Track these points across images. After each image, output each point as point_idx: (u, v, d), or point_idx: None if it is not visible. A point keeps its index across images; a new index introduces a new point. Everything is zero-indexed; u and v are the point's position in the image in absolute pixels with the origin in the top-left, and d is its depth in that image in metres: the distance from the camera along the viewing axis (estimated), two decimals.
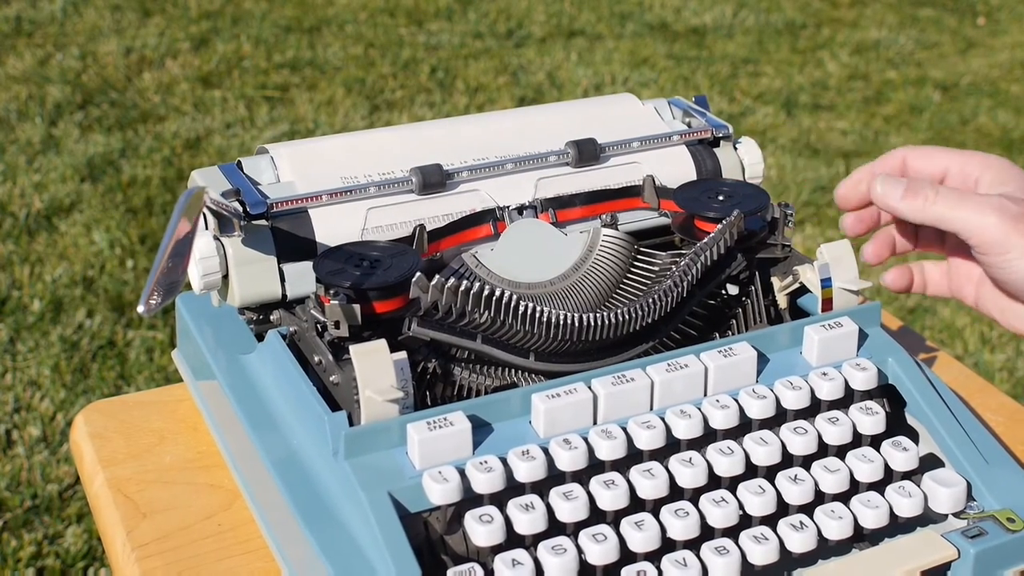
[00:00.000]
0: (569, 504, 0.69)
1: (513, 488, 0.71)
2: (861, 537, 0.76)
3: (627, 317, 0.80)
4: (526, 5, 4.25)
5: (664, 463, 0.73)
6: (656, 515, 0.71)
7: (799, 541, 0.72)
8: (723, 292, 0.89)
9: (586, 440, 0.73)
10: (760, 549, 0.70)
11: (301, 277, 0.82)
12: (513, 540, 0.69)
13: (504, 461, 0.71)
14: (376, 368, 0.71)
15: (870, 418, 0.78)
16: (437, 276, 0.76)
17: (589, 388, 0.75)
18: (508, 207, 0.89)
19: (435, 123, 0.95)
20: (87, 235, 2.64)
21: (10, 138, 3.08)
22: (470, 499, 0.70)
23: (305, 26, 3.95)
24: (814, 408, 0.79)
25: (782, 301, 0.88)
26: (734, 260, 0.87)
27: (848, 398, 0.80)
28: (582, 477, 0.72)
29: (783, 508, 0.74)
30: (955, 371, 0.99)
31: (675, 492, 0.73)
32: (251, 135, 3.15)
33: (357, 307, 0.75)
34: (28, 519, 1.86)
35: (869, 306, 0.85)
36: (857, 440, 0.78)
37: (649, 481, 0.72)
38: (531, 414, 0.74)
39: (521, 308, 0.77)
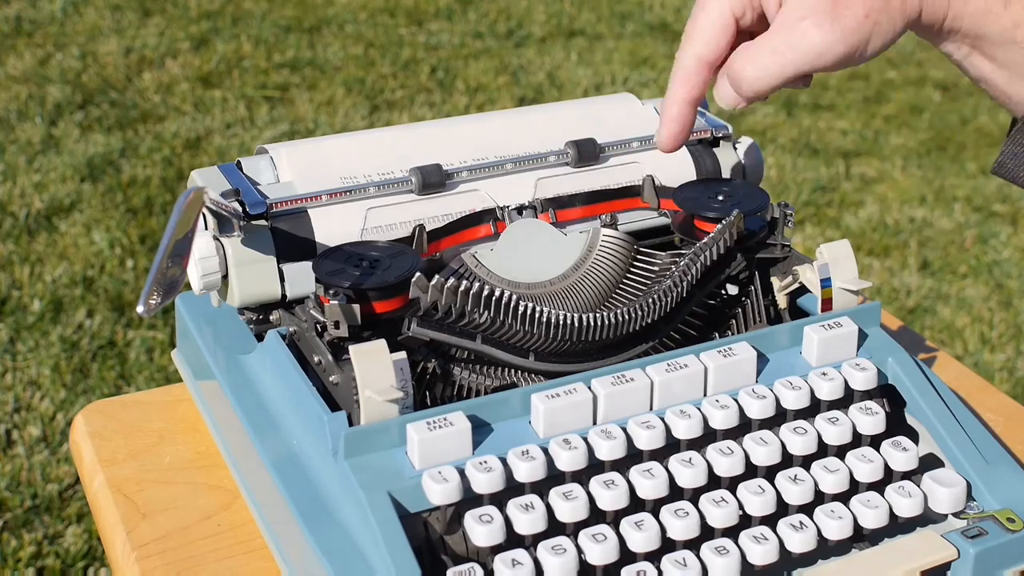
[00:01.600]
0: (569, 504, 0.69)
1: (513, 488, 0.71)
2: (861, 537, 0.76)
3: (627, 317, 0.80)
4: (526, 5, 4.25)
5: (664, 463, 0.73)
6: (656, 515, 0.71)
7: (799, 541, 0.72)
8: (723, 292, 0.89)
9: (586, 440, 0.73)
10: (760, 549, 0.70)
11: (301, 277, 0.82)
12: (513, 540, 0.69)
13: (504, 461, 0.71)
14: (376, 368, 0.71)
15: (870, 418, 0.78)
16: (437, 276, 0.76)
17: (589, 388, 0.75)
18: (508, 207, 0.89)
19: (435, 123, 0.95)
20: (87, 235, 2.64)
21: (10, 138, 3.08)
22: (470, 499, 0.70)
23: (305, 26, 3.95)
24: (814, 408, 0.79)
25: (782, 301, 0.88)
26: (734, 260, 0.87)
27: (848, 398, 0.80)
28: (582, 477, 0.72)
29: (783, 508, 0.74)
30: (955, 371, 0.99)
31: (675, 492, 0.73)
32: (251, 135, 3.15)
33: (357, 307, 0.75)
34: (28, 519, 1.86)
35: (869, 306, 0.85)
36: (857, 440, 0.78)
37: (649, 481, 0.72)
38: (531, 414, 0.74)
39: (521, 308, 0.77)
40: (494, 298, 0.76)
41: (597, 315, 0.79)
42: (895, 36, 0.73)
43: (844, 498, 0.75)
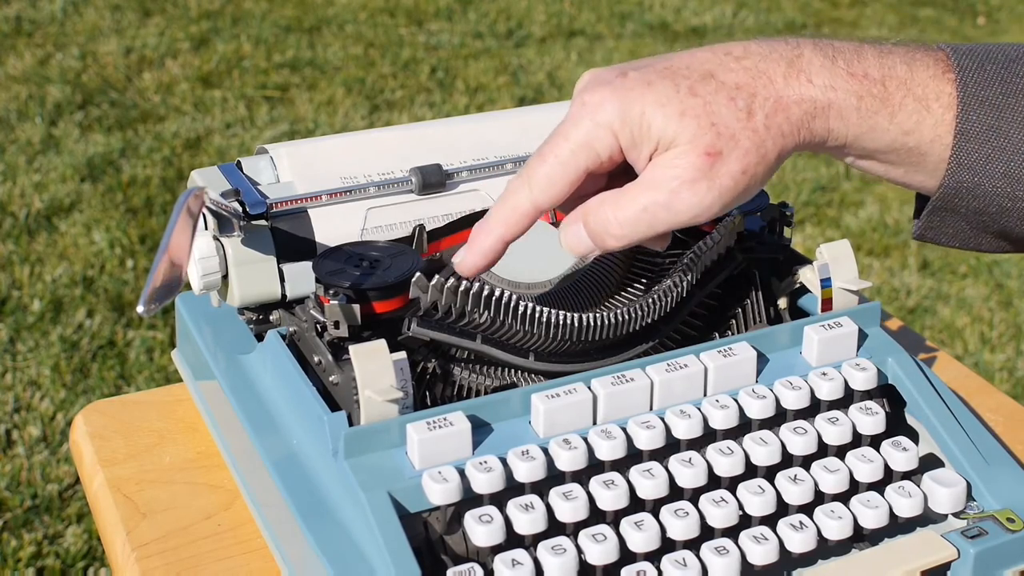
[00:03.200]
0: (569, 504, 0.69)
1: (513, 488, 0.71)
2: (861, 537, 0.76)
3: (627, 317, 0.80)
4: (526, 5, 4.25)
5: (664, 463, 0.73)
6: (656, 515, 0.71)
7: (799, 541, 0.72)
8: (723, 292, 0.89)
9: (586, 440, 0.73)
10: (760, 549, 0.70)
11: (301, 277, 0.82)
12: (513, 540, 0.69)
13: (504, 461, 0.71)
14: (376, 368, 0.71)
15: (870, 418, 0.78)
16: (437, 276, 0.76)
17: (589, 388, 0.75)
18: None
19: (435, 123, 0.95)
20: (87, 235, 2.64)
21: (10, 138, 3.08)
22: (470, 499, 0.70)
23: (305, 26, 3.95)
24: (814, 408, 0.79)
25: (782, 301, 0.88)
26: (734, 260, 0.87)
27: (848, 398, 0.80)
28: (582, 477, 0.72)
29: (783, 508, 0.74)
30: (955, 371, 0.99)
31: (675, 492, 0.73)
32: (251, 135, 3.15)
33: (357, 307, 0.75)
34: (28, 519, 1.86)
35: (869, 306, 0.85)
36: (857, 440, 0.78)
37: (649, 481, 0.72)
38: (531, 414, 0.74)
39: (521, 308, 0.76)
40: (494, 298, 0.76)
41: (597, 315, 0.79)
42: (772, 173, 0.71)
43: (844, 498, 0.75)
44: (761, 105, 0.68)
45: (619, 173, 0.73)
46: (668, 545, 0.71)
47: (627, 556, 0.70)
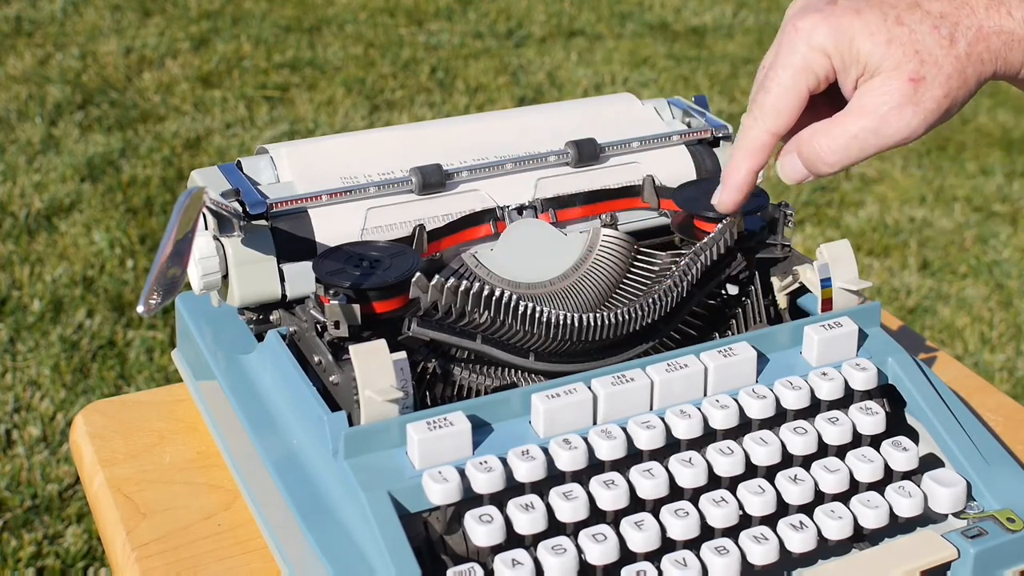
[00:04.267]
0: (569, 504, 0.69)
1: (513, 488, 0.71)
2: (861, 537, 0.76)
3: (627, 317, 0.80)
4: (526, 5, 4.25)
5: (664, 463, 0.73)
6: (656, 515, 0.71)
7: (799, 541, 0.72)
8: (723, 292, 0.89)
9: (586, 440, 0.73)
10: (760, 549, 0.70)
11: (301, 277, 0.82)
12: (513, 540, 0.69)
13: (504, 461, 0.71)
14: (376, 368, 0.71)
15: (870, 418, 0.78)
16: (437, 276, 0.76)
17: (589, 388, 0.75)
18: (508, 207, 0.89)
19: (435, 123, 0.95)
20: (87, 235, 2.64)
21: (10, 138, 3.08)
22: (470, 499, 0.70)
23: (305, 26, 3.95)
24: (814, 408, 0.79)
25: (782, 301, 0.88)
26: (734, 260, 0.87)
27: (848, 398, 0.80)
28: (582, 477, 0.72)
29: (783, 508, 0.74)
30: (955, 371, 0.99)
31: (675, 492, 0.73)
32: (251, 135, 3.15)
33: (357, 307, 0.75)
34: (28, 519, 1.86)
35: (869, 306, 0.85)
36: (857, 440, 0.78)
37: (649, 481, 0.72)
38: (531, 414, 0.74)
39: (521, 308, 0.77)
40: (494, 298, 0.76)
41: (597, 315, 0.79)
42: (971, 97, 0.74)
43: (844, 498, 0.75)
44: (964, 33, 0.72)
45: (822, 101, 0.77)
46: (668, 545, 0.71)
47: (627, 556, 0.70)
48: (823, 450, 0.77)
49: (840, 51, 0.72)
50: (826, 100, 0.77)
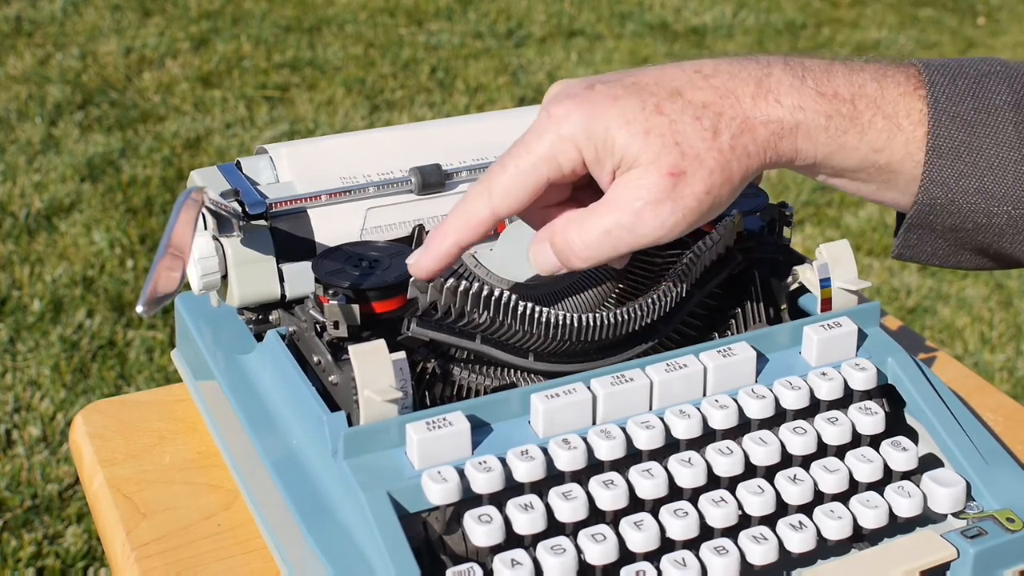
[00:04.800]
0: (568, 504, 0.69)
1: (512, 488, 0.71)
2: (860, 537, 0.76)
3: (626, 317, 0.80)
4: (526, 5, 4.25)
5: (663, 463, 0.73)
6: (655, 515, 0.71)
7: (798, 541, 0.72)
8: (723, 292, 0.89)
9: (585, 440, 0.73)
10: (759, 549, 0.70)
11: (300, 277, 0.82)
12: (512, 540, 0.69)
13: (503, 461, 0.71)
14: (375, 368, 0.71)
15: (869, 418, 0.78)
16: None
17: (588, 388, 0.75)
18: None
19: (435, 123, 0.95)
20: (87, 235, 2.64)
21: (10, 138, 3.08)
22: (469, 499, 0.70)
23: (305, 26, 3.95)
24: (813, 408, 0.79)
25: (782, 301, 0.88)
26: (734, 260, 0.87)
27: (847, 398, 0.80)
28: (581, 477, 0.72)
29: (782, 508, 0.74)
30: (955, 371, 0.99)
31: (674, 492, 0.73)
32: (251, 135, 3.15)
33: (356, 307, 0.75)
34: (28, 519, 1.86)
35: (868, 306, 0.85)
36: (856, 440, 0.78)
37: (648, 481, 0.72)
38: (530, 414, 0.74)
39: (520, 308, 0.77)
40: (493, 298, 0.76)
41: (597, 315, 0.79)
42: (737, 193, 0.70)
43: (844, 498, 0.75)
44: (727, 125, 0.68)
45: (584, 183, 0.73)
46: (668, 545, 0.71)
47: (627, 556, 0.70)
48: (822, 450, 0.77)
49: (593, 142, 0.68)
50: (589, 193, 0.73)
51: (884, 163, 0.71)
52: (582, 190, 0.74)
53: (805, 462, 0.76)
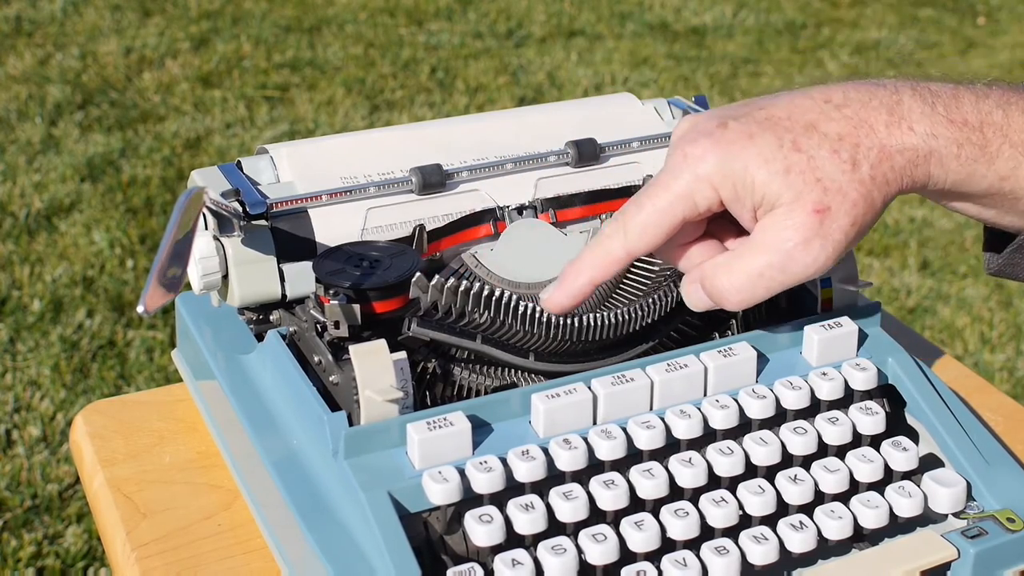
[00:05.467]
0: (569, 504, 0.69)
1: (513, 488, 0.71)
2: (861, 537, 0.76)
3: (627, 317, 0.80)
4: (526, 5, 4.25)
5: (664, 463, 0.73)
6: (656, 515, 0.71)
7: (799, 541, 0.72)
8: None
9: (586, 440, 0.73)
10: (760, 549, 0.70)
11: (301, 277, 0.82)
12: (513, 540, 0.69)
13: (504, 461, 0.71)
14: (376, 368, 0.71)
15: (870, 418, 0.78)
16: (437, 276, 0.76)
17: (589, 388, 0.75)
18: (508, 207, 0.89)
19: (435, 123, 0.95)
20: (87, 235, 2.64)
21: (10, 138, 3.08)
22: (470, 499, 0.70)
23: (305, 26, 3.95)
24: (814, 408, 0.79)
25: (782, 301, 0.88)
26: None
27: (848, 398, 0.80)
28: (582, 477, 0.72)
29: (783, 508, 0.74)
30: (955, 371, 0.99)
31: (675, 492, 0.73)
32: (251, 135, 3.15)
33: (357, 307, 0.75)
34: (28, 519, 1.86)
35: (869, 306, 0.85)
36: (857, 440, 0.78)
37: (649, 481, 0.72)
38: (531, 414, 0.74)
39: (521, 308, 0.77)
40: (494, 298, 0.76)
41: (597, 315, 0.79)
42: (878, 218, 0.71)
43: (844, 498, 0.75)
44: (865, 155, 0.68)
45: (718, 216, 0.73)
46: (668, 545, 0.71)
47: (627, 556, 0.70)
48: (823, 450, 0.77)
49: (732, 181, 0.68)
50: (725, 224, 0.73)
51: (1009, 190, 0.71)
52: (715, 222, 0.74)
53: (806, 462, 0.76)
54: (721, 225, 0.74)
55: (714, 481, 0.74)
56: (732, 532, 0.72)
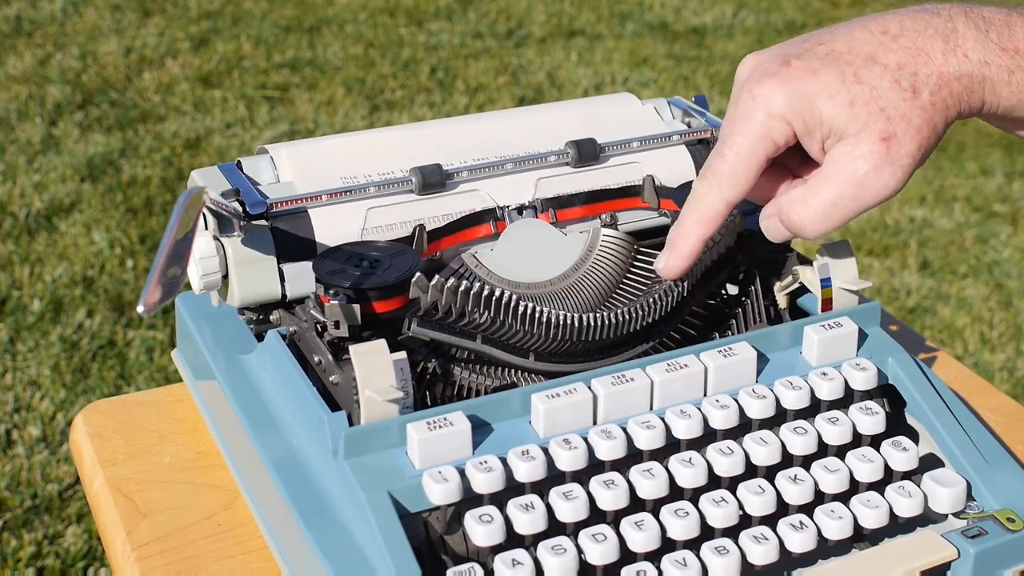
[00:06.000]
0: (569, 504, 0.69)
1: (513, 488, 0.71)
2: (861, 537, 0.76)
3: (627, 317, 0.80)
4: (526, 5, 4.25)
5: (664, 463, 0.73)
6: (656, 515, 0.71)
7: (799, 541, 0.72)
8: (723, 292, 0.89)
9: (586, 440, 0.73)
10: (760, 549, 0.70)
11: (301, 277, 0.82)
12: (513, 540, 0.69)
13: (504, 461, 0.71)
14: (376, 368, 0.71)
15: (870, 418, 0.78)
16: (437, 276, 0.76)
17: (589, 388, 0.75)
18: (508, 207, 0.89)
19: (435, 123, 0.95)
20: (87, 235, 2.64)
21: (10, 138, 3.08)
22: (470, 499, 0.70)
23: (305, 26, 3.95)
24: (814, 408, 0.79)
25: (782, 301, 0.88)
26: (734, 260, 0.87)
27: (848, 398, 0.80)
28: (582, 477, 0.72)
29: (783, 508, 0.74)
30: (955, 371, 0.99)
31: (675, 492, 0.73)
32: (251, 135, 3.15)
33: (357, 307, 0.75)
34: (28, 519, 1.86)
35: (869, 306, 0.85)
36: (857, 440, 0.78)
37: (649, 481, 0.72)
38: (531, 414, 0.74)
39: (521, 308, 0.77)
40: (494, 298, 0.76)
41: (597, 315, 0.79)
42: (940, 141, 0.74)
43: (844, 498, 0.75)
44: (924, 83, 0.71)
45: (788, 156, 0.76)
46: (668, 545, 0.71)
47: (627, 556, 0.70)
48: (823, 450, 0.77)
49: (801, 116, 0.71)
50: (796, 156, 0.76)
51: None
52: (786, 154, 0.77)
53: (806, 462, 0.76)
54: (791, 156, 0.77)
55: (714, 481, 0.74)
56: (732, 532, 0.72)
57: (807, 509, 0.74)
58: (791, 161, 0.77)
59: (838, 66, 0.71)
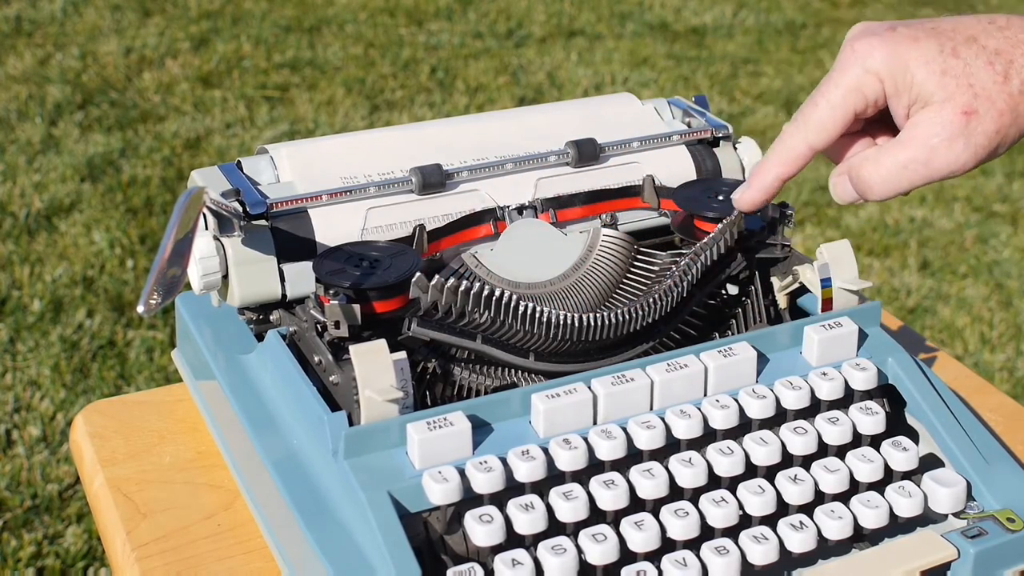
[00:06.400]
0: (569, 504, 0.69)
1: (513, 488, 0.71)
2: (861, 537, 0.76)
3: (627, 317, 0.80)
4: (526, 5, 4.25)
5: (664, 463, 0.73)
6: (656, 515, 0.71)
7: (799, 541, 0.72)
8: (723, 292, 0.89)
9: (586, 440, 0.73)
10: (760, 549, 0.70)
11: (301, 277, 0.82)
12: (513, 540, 0.69)
13: (504, 461, 0.71)
14: (376, 368, 0.71)
15: (870, 418, 0.78)
16: (437, 276, 0.76)
17: (589, 388, 0.75)
18: (508, 207, 0.89)
19: (435, 123, 0.95)
20: (87, 235, 2.64)
21: (10, 138, 3.08)
22: (470, 499, 0.70)
23: (305, 26, 3.95)
24: (814, 408, 0.79)
25: (782, 301, 0.88)
26: (734, 260, 0.87)
27: (848, 398, 0.80)
28: (582, 477, 0.72)
29: (783, 508, 0.74)
30: (955, 371, 0.99)
31: (675, 492, 0.73)
32: (251, 135, 3.15)
33: (357, 307, 0.75)
34: (28, 519, 1.86)
35: (869, 306, 0.85)
36: (857, 440, 0.78)
37: (649, 481, 0.72)
38: (531, 414, 0.74)
39: (521, 308, 0.77)
40: (494, 298, 0.76)
41: (597, 315, 0.79)
42: (1020, 137, 0.75)
43: (844, 498, 0.75)
44: (1018, 72, 0.72)
45: (876, 119, 0.77)
46: (668, 545, 0.71)
47: (627, 556, 0.70)
48: (823, 450, 0.77)
49: (894, 76, 0.73)
50: (879, 126, 0.78)
51: None
52: (873, 124, 0.79)
53: (806, 462, 0.76)
54: (875, 126, 0.78)
55: (714, 481, 0.74)
56: (732, 532, 0.72)
57: (807, 509, 0.74)
58: (875, 131, 0.79)
59: (939, 39, 0.73)
